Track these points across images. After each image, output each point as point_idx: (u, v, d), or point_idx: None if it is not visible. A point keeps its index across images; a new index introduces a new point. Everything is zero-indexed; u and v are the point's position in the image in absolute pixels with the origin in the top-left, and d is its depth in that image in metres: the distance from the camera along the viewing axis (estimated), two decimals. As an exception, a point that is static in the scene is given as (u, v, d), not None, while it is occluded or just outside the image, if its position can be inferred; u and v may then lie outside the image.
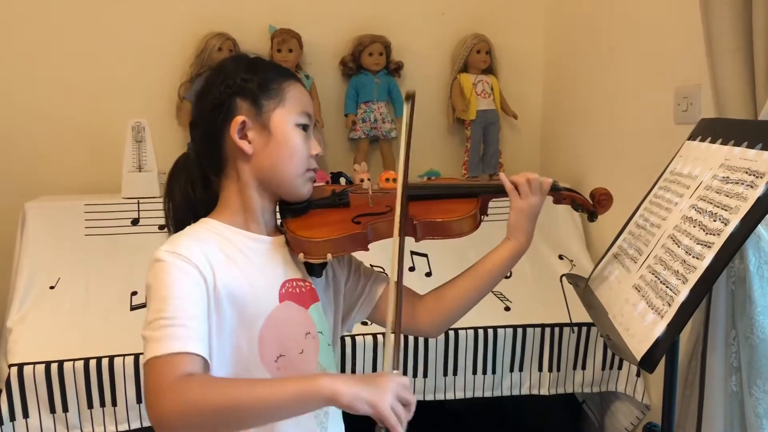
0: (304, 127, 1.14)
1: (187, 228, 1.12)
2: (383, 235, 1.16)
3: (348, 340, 1.90)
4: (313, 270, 1.17)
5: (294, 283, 1.14)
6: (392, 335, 1.05)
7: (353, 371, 1.92)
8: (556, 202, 1.29)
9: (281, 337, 1.10)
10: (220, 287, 1.04)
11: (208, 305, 1.03)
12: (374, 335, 1.92)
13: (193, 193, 1.16)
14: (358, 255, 1.23)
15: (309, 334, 1.13)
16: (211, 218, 1.14)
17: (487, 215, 1.25)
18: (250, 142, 1.10)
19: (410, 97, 1.21)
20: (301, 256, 1.12)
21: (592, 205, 1.27)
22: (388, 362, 1.02)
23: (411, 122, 1.19)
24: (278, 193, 1.15)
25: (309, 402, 0.93)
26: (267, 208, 1.16)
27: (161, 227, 2.13)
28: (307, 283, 1.16)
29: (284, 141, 1.12)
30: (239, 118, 1.10)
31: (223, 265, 1.06)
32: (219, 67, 1.18)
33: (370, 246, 1.17)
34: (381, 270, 1.37)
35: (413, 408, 0.97)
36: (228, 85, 1.11)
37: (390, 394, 0.93)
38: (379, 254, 1.23)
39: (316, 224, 1.15)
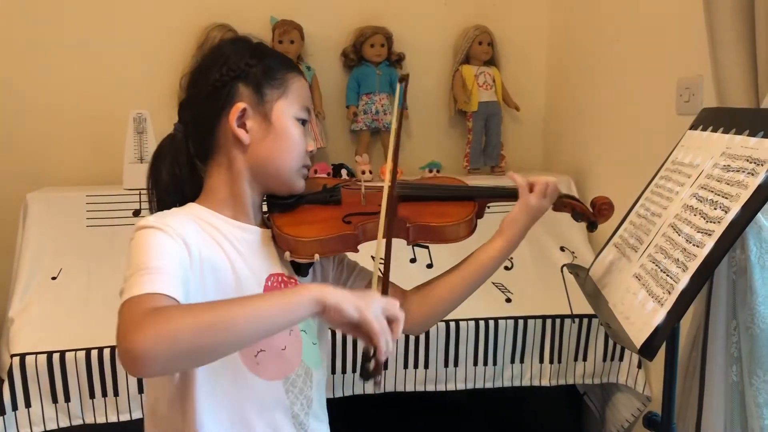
0: (303, 122, 1.11)
1: (173, 209, 1.06)
2: (374, 236, 1.10)
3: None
4: (300, 269, 1.13)
5: (279, 278, 1.10)
6: (380, 263, 1.03)
7: (354, 364, 1.92)
8: (556, 209, 1.23)
9: None
10: (206, 265, 0.99)
11: (193, 279, 0.96)
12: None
13: (180, 173, 1.11)
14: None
15: (292, 331, 1.09)
16: (197, 204, 1.09)
17: (482, 217, 1.20)
18: (247, 131, 1.06)
19: (404, 79, 1.16)
20: (287, 254, 1.08)
21: (593, 214, 1.23)
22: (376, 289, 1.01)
23: (403, 104, 1.15)
24: (270, 186, 1.11)
25: (297, 307, 0.86)
26: (256, 200, 1.12)
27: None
28: (292, 280, 1.12)
29: (284, 134, 1.08)
30: (240, 105, 1.05)
31: (209, 247, 1.02)
32: (219, 48, 1.12)
33: (360, 247, 1.12)
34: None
35: (401, 326, 0.92)
36: (231, 68, 1.06)
37: (376, 305, 0.90)
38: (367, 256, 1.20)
39: (305, 221, 1.11)
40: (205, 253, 1.00)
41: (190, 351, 0.81)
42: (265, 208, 1.17)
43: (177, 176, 1.11)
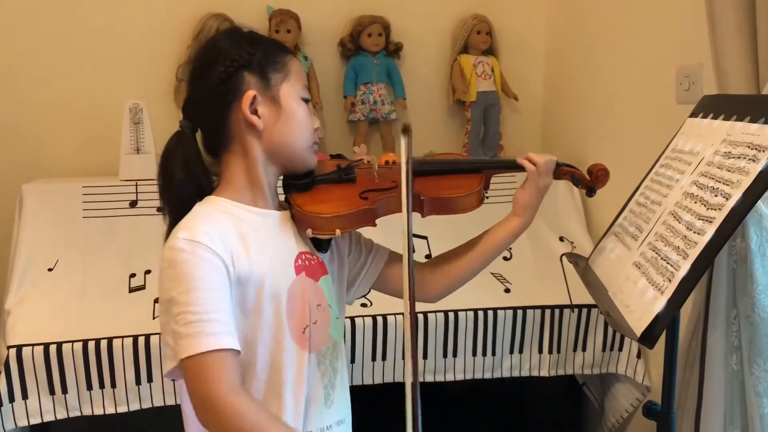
0: (306, 101, 1.16)
1: (197, 208, 1.09)
2: (391, 211, 1.19)
3: (347, 322, 1.90)
4: (321, 245, 1.19)
5: (305, 256, 1.15)
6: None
7: (353, 354, 1.92)
8: (556, 177, 1.29)
9: (302, 308, 1.11)
10: (240, 270, 1.04)
11: (231, 290, 1.03)
12: (374, 317, 1.92)
13: (194, 169, 1.13)
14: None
15: (320, 306, 1.14)
16: (217, 196, 1.12)
17: (487, 189, 1.28)
18: (260, 117, 1.10)
19: (407, 129, 1.07)
20: (309, 231, 1.13)
21: (590, 180, 1.31)
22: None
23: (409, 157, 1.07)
24: (287, 166, 1.16)
25: None
26: (272, 183, 1.16)
27: (159, 209, 2.12)
28: (314, 257, 1.17)
29: (293, 114, 1.12)
30: (250, 93, 1.09)
31: (241, 247, 1.06)
32: (215, 42, 1.15)
33: (377, 222, 1.18)
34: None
35: None
36: (234, 59, 1.09)
37: None
38: (380, 233, 1.25)
39: (324, 200, 1.17)
40: (239, 259, 1.05)
41: None
42: (281, 192, 1.21)
43: (192, 172, 1.13)
